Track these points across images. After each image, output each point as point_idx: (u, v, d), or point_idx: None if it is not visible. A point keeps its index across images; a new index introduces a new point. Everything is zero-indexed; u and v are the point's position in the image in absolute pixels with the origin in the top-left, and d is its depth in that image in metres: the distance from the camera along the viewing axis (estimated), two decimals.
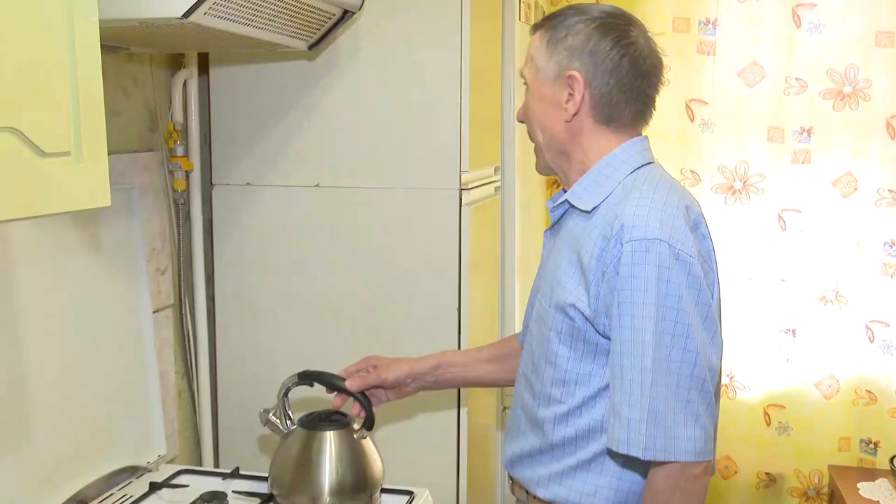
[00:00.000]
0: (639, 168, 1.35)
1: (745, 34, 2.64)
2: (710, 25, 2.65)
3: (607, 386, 1.31)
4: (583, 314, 1.31)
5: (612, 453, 1.31)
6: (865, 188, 2.63)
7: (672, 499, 1.26)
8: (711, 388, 1.27)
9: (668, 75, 2.68)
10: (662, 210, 1.27)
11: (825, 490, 2.77)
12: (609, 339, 1.30)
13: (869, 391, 2.69)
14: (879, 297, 2.65)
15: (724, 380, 2.76)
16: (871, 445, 2.72)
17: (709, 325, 1.27)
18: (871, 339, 2.67)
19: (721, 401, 2.79)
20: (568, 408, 1.35)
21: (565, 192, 1.42)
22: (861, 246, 2.64)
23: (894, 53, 2.55)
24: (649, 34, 1.40)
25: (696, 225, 1.31)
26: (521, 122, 1.46)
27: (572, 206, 1.39)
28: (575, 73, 1.32)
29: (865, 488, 2.57)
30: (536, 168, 1.48)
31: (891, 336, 2.65)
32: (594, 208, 1.34)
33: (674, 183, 1.37)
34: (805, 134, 2.65)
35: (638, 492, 1.33)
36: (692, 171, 2.73)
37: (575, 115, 1.34)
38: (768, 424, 2.77)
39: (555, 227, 1.46)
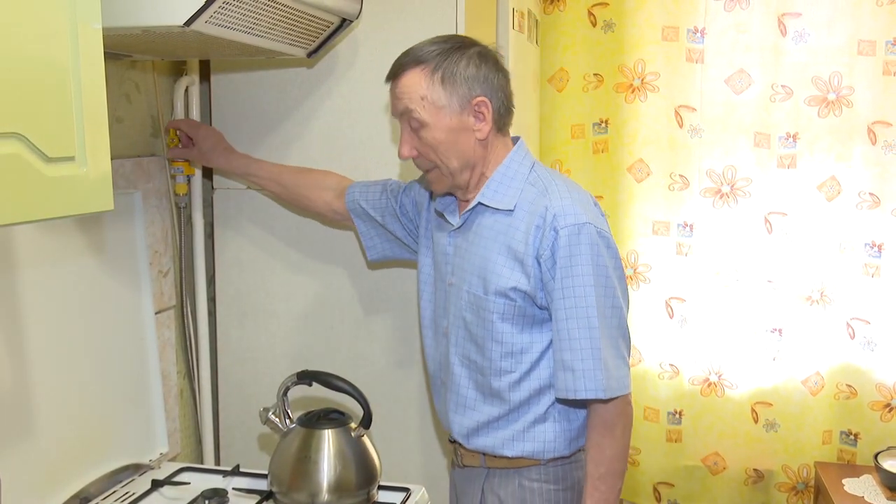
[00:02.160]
0: (533, 166, 1.60)
1: (732, 42, 2.69)
2: (698, 34, 2.70)
3: (547, 349, 1.56)
4: (524, 293, 1.53)
5: (560, 403, 1.58)
6: (848, 192, 2.68)
7: (618, 423, 1.55)
8: (628, 334, 1.57)
9: (657, 82, 2.76)
10: (581, 200, 1.55)
11: (813, 485, 2.82)
12: (544, 310, 1.54)
13: (850, 385, 2.74)
14: (861, 296, 2.70)
15: (713, 378, 2.81)
16: (852, 437, 2.77)
17: (623, 285, 1.57)
18: (852, 336, 2.73)
19: (709, 398, 2.84)
20: (519, 374, 1.57)
21: (455, 197, 1.63)
22: (844, 247, 2.70)
23: (876, 62, 2.60)
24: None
25: (599, 209, 1.61)
26: (407, 158, 1.57)
27: (484, 207, 1.57)
28: (482, 98, 1.51)
29: (850, 484, 2.61)
30: (437, 191, 1.63)
31: (871, 332, 2.70)
32: (515, 205, 1.55)
33: (567, 177, 1.71)
34: (791, 139, 2.70)
35: (582, 426, 1.59)
36: (681, 176, 2.77)
37: (488, 131, 1.54)
38: (756, 422, 2.81)
39: (462, 227, 1.62)
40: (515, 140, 1.63)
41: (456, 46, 1.52)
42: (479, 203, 1.58)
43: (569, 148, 2.83)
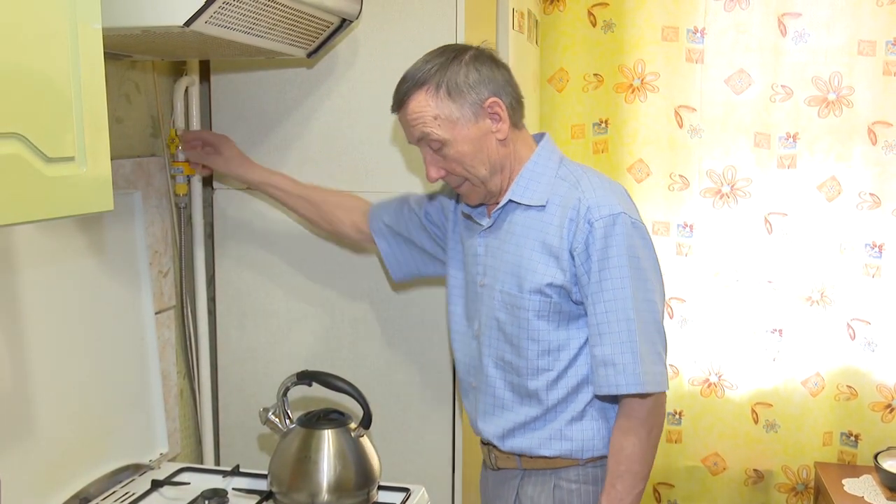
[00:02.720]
0: (562, 160, 1.59)
1: (732, 42, 2.69)
2: (698, 34, 2.70)
3: (584, 345, 1.54)
4: (560, 288, 1.52)
5: (597, 400, 1.56)
6: (848, 192, 2.68)
7: (648, 423, 1.53)
8: (663, 329, 1.54)
9: (657, 82, 2.77)
10: (613, 190, 1.54)
11: (813, 485, 2.82)
12: (580, 305, 1.53)
13: (850, 386, 2.75)
14: (861, 296, 2.70)
15: (713, 378, 2.82)
16: (852, 438, 2.78)
17: (658, 278, 1.55)
18: (853, 337, 2.73)
19: (709, 399, 2.85)
20: (556, 373, 1.56)
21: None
22: (844, 248, 2.70)
23: (876, 62, 2.60)
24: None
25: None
26: (436, 180, 1.56)
27: (515, 204, 1.56)
28: (493, 98, 1.50)
29: (850, 484, 2.61)
30: (472, 203, 1.61)
31: (871, 333, 2.71)
32: (548, 201, 1.53)
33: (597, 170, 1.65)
34: (791, 140, 2.70)
35: None
36: (681, 176, 2.78)
37: (508, 130, 1.53)
38: (756, 422, 2.82)
39: (493, 227, 1.60)
40: (540, 137, 1.62)
41: (451, 57, 1.51)
42: (510, 200, 1.56)
43: (569, 148, 2.83)
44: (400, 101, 1.53)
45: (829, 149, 2.68)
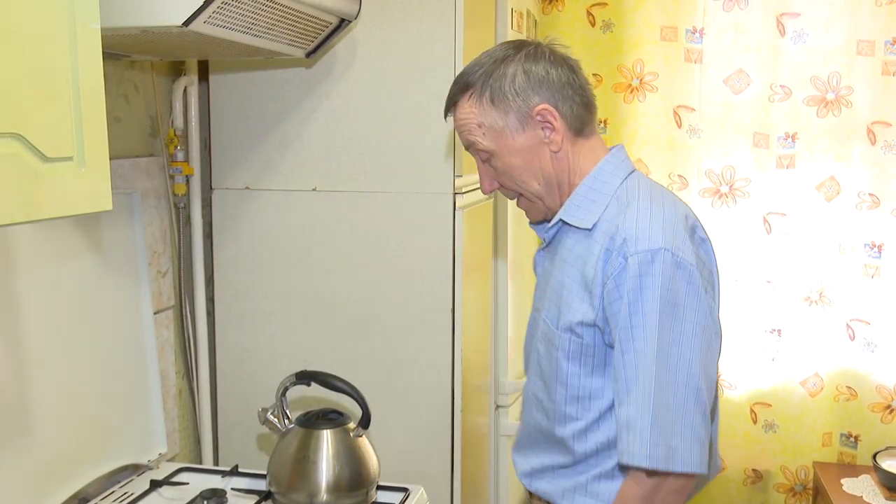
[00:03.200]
0: (628, 177, 1.37)
1: (731, 42, 2.69)
2: (696, 34, 2.70)
3: None
4: (593, 327, 1.32)
5: None
6: (847, 192, 2.68)
7: None
8: (705, 398, 1.26)
9: (656, 82, 2.77)
10: (663, 219, 1.28)
11: (811, 486, 2.82)
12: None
13: (850, 387, 2.75)
14: (861, 296, 2.71)
15: None
16: (852, 439, 2.78)
17: (706, 334, 1.27)
18: (852, 338, 2.73)
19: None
20: (585, 423, 1.36)
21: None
22: (843, 248, 2.70)
23: (875, 62, 2.61)
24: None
25: (694, 230, 1.34)
26: (491, 191, 1.44)
27: (567, 224, 1.39)
28: (543, 105, 1.33)
29: (849, 484, 2.61)
30: (534, 219, 1.46)
31: (871, 334, 2.71)
32: (594, 224, 1.33)
33: (665, 190, 1.40)
34: (789, 140, 2.70)
35: None
36: (680, 176, 2.78)
37: (562, 141, 1.35)
38: (755, 422, 2.82)
39: (550, 246, 1.45)
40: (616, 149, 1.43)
41: (502, 58, 1.35)
42: (561, 220, 1.40)
43: None
44: (448, 106, 1.41)
45: (827, 149, 2.68)
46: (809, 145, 2.69)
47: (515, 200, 1.45)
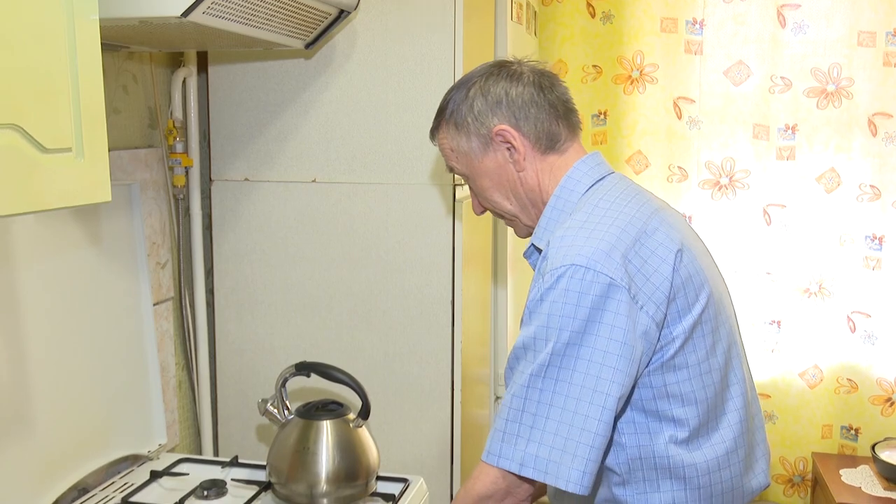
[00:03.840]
0: (593, 185, 1.31)
1: (731, 34, 2.69)
2: (697, 25, 2.70)
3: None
4: None
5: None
6: (848, 184, 2.68)
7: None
8: (601, 417, 1.14)
9: (656, 74, 2.76)
10: (589, 233, 1.19)
11: (809, 476, 2.82)
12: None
13: (850, 379, 2.75)
14: (861, 289, 2.71)
15: None
16: (852, 432, 2.78)
17: (623, 352, 1.14)
18: (853, 330, 2.73)
19: None
20: None
21: None
22: (843, 240, 2.70)
23: (876, 53, 2.60)
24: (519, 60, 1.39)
25: (651, 234, 1.22)
26: (482, 212, 1.43)
27: (537, 249, 1.33)
28: (500, 126, 1.30)
29: (847, 475, 2.62)
30: (519, 236, 1.45)
31: (871, 326, 2.71)
32: (548, 244, 1.24)
33: (631, 194, 1.29)
34: (790, 131, 2.70)
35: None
36: (680, 168, 2.77)
37: (524, 160, 1.31)
38: None
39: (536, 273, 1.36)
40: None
41: (463, 82, 1.35)
42: (532, 245, 1.36)
43: None
44: (431, 133, 1.41)
45: (828, 140, 2.67)
46: (810, 137, 2.68)
47: (502, 219, 1.43)
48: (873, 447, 2.62)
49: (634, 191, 1.31)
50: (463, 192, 1.92)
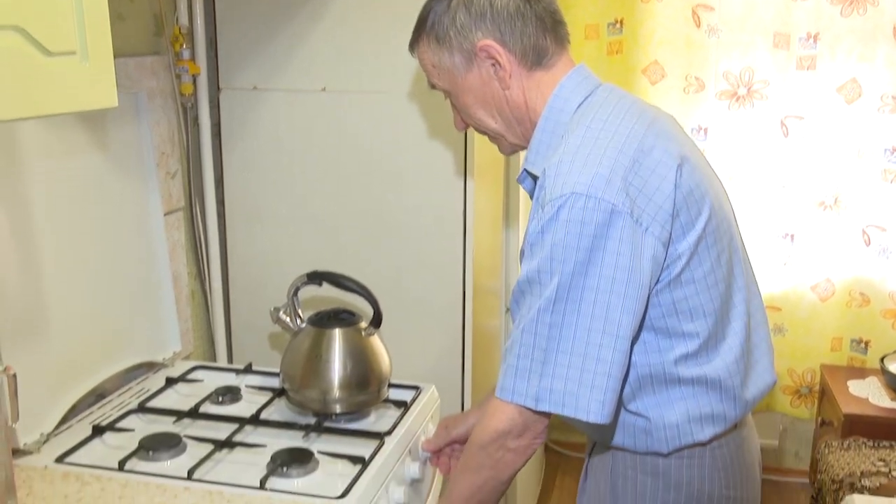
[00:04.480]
0: (583, 102, 1.25)
1: None
2: None
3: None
4: None
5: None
6: (869, 94, 2.62)
7: (490, 445, 1.23)
8: (618, 345, 1.14)
9: None
10: (587, 156, 1.14)
11: (817, 388, 2.85)
12: None
13: (863, 293, 2.75)
14: (878, 202, 2.68)
15: None
16: (862, 345, 2.80)
17: (632, 278, 1.13)
18: (868, 243, 2.71)
19: None
20: None
21: None
22: (862, 152, 2.66)
23: None
24: None
25: (648, 152, 1.17)
26: (464, 128, 1.38)
27: (532, 176, 1.28)
28: (484, 41, 1.24)
29: (855, 386, 2.64)
30: (505, 154, 1.41)
31: (887, 240, 2.69)
32: (544, 171, 1.19)
33: (625, 106, 1.24)
34: (811, 40, 2.63)
35: (678, 420, 1.26)
36: (697, 78, 2.71)
37: (510, 77, 1.26)
38: None
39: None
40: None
41: None
42: (525, 170, 1.31)
43: (582, 49, 2.77)
44: (410, 46, 1.34)
45: (850, 49, 2.60)
46: (832, 46, 2.61)
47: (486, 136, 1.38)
48: (882, 359, 2.64)
49: (626, 104, 1.26)
50: None
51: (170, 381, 1.77)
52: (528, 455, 1.24)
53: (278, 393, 1.71)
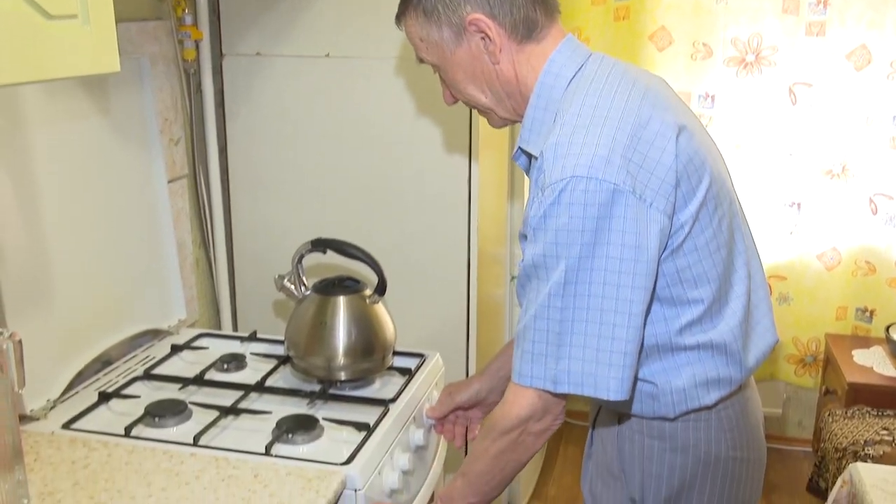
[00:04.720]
0: (574, 76, 1.22)
1: None
2: None
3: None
4: None
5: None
6: (879, 61, 2.59)
7: (508, 427, 1.24)
8: (630, 323, 1.13)
9: None
10: (585, 135, 1.13)
11: (822, 357, 2.85)
12: None
13: (868, 262, 2.74)
14: (885, 170, 2.66)
15: None
16: (867, 314, 2.79)
17: (639, 256, 1.12)
18: (875, 212, 2.69)
19: None
20: None
21: None
22: (871, 120, 2.63)
23: None
24: None
25: (645, 124, 1.15)
26: (453, 103, 1.35)
27: (526, 154, 1.27)
28: (473, 15, 1.20)
29: (860, 355, 2.64)
30: (493, 126, 1.38)
31: (894, 209, 2.67)
32: (542, 151, 1.17)
33: (618, 75, 1.22)
34: (821, 5, 2.59)
35: (682, 389, 1.26)
36: (704, 44, 2.68)
37: (500, 51, 1.23)
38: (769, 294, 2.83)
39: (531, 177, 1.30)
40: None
41: None
42: (519, 148, 1.29)
43: (589, 15, 2.73)
44: (397, 18, 1.30)
45: (860, 15, 2.57)
46: (842, 12, 2.58)
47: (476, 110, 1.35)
48: (888, 328, 2.64)
49: (618, 74, 1.23)
50: None
51: (175, 349, 1.77)
52: (547, 437, 1.26)
53: (283, 360, 1.71)
